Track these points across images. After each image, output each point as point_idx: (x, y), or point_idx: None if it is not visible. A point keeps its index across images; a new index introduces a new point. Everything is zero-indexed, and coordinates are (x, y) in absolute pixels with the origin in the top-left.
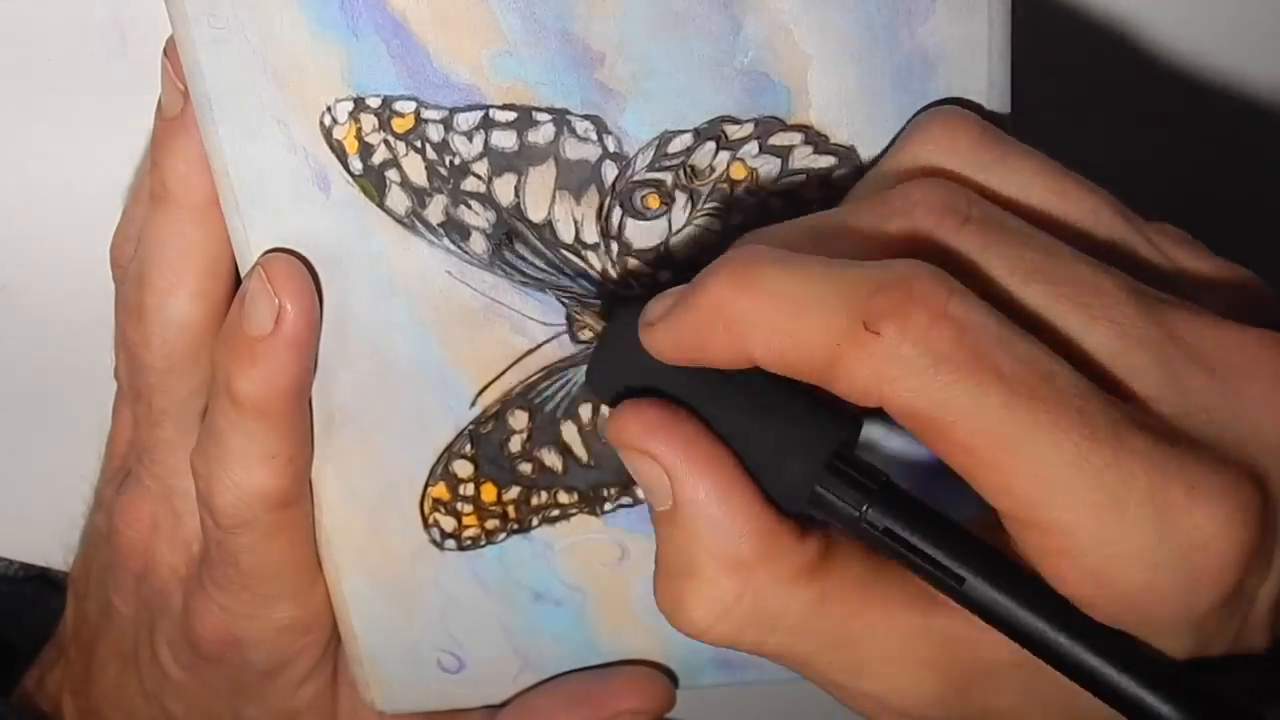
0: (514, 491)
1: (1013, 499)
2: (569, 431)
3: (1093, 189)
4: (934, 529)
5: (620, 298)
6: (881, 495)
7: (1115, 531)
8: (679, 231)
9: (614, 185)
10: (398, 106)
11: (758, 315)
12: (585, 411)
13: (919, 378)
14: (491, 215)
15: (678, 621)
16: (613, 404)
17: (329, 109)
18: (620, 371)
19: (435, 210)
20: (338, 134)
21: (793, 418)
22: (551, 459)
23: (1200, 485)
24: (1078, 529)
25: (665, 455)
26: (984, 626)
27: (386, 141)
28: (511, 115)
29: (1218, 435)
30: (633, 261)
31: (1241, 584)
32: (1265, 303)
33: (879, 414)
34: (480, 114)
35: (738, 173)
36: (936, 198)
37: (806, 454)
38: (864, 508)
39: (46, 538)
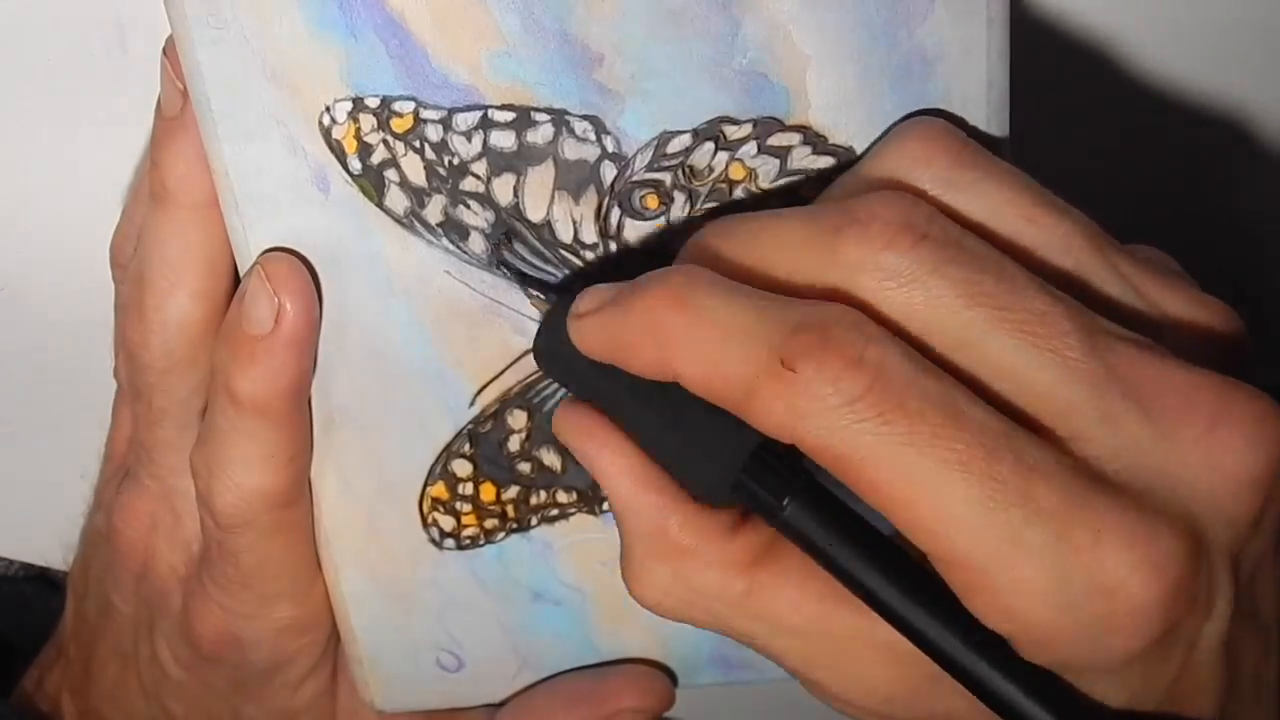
0: (513, 491)
1: (925, 536)
2: None
3: (1067, 215)
4: (851, 533)
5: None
6: (804, 492)
7: (1021, 571)
8: (678, 232)
9: (613, 185)
10: (396, 106)
11: (687, 336)
12: None
13: (829, 417)
14: (490, 215)
15: (634, 594)
16: (554, 378)
17: (328, 109)
18: (561, 350)
19: (434, 210)
20: (336, 134)
21: (719, 413)
22: (550, 458)
23: (1108, 530)
24: (986, 567)
25: (593, 456)
26: None
27: (385, 141)
28: (510, 115)
29: (1148, 480)
30: (631, 262)
31: (1172, 629)
32: (1236, 342)
33: None
34: (479, 114)
35: (736, 173)
36: (896, 211)
37: (734, 444)
38: (785, 501)
39: (46, 537)
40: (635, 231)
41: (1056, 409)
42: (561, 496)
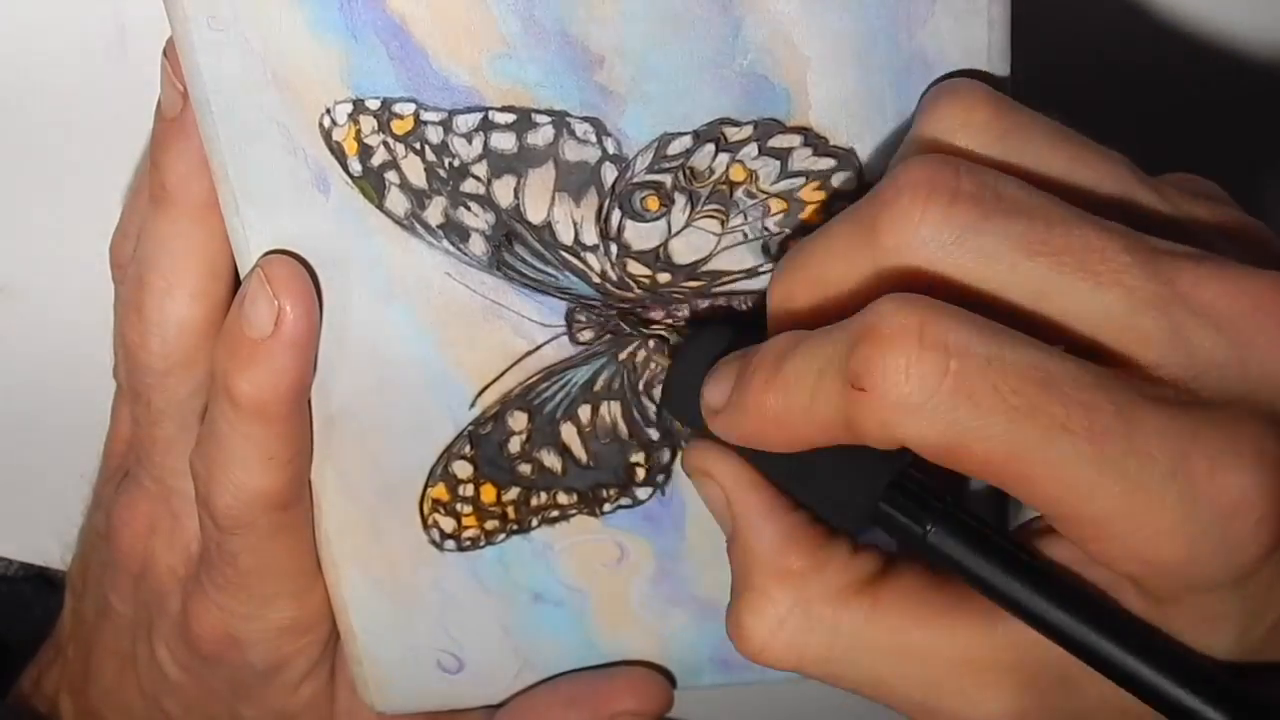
0: (513, 492)
1: (1045, 503)
2: (568, 432)
3: (1109, 153)
4: (994, 552)
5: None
6: (945, 516)
7: (1146, 515)
8: (678, 233)
9: (613, 187)
10: (397, 108)
11: (788, 410)
12: (584, 413)
13: (917, 416)
14: (491, 217)
15: (737, 640)
16: (686, 424)
17: (328, 111)
18: (690, 394)
19: (434, 212)
20: (337, 136)
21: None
22: (551, 460)
23: (1219, 453)
24: (1111, 519)
25: (723, 476)
26: None
27: (386, 143)
28: (511, 117)
29: (1235, 389)
30: (632, 263)
31: None
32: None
33: None
34: (479, 116)
35: (737, 175)
36: (921, 176)
37: (873, 472)
38: (928, 526)
39: (46, 537)
40: (636, 233)
41: (1131, 340)
42: (562, 498)
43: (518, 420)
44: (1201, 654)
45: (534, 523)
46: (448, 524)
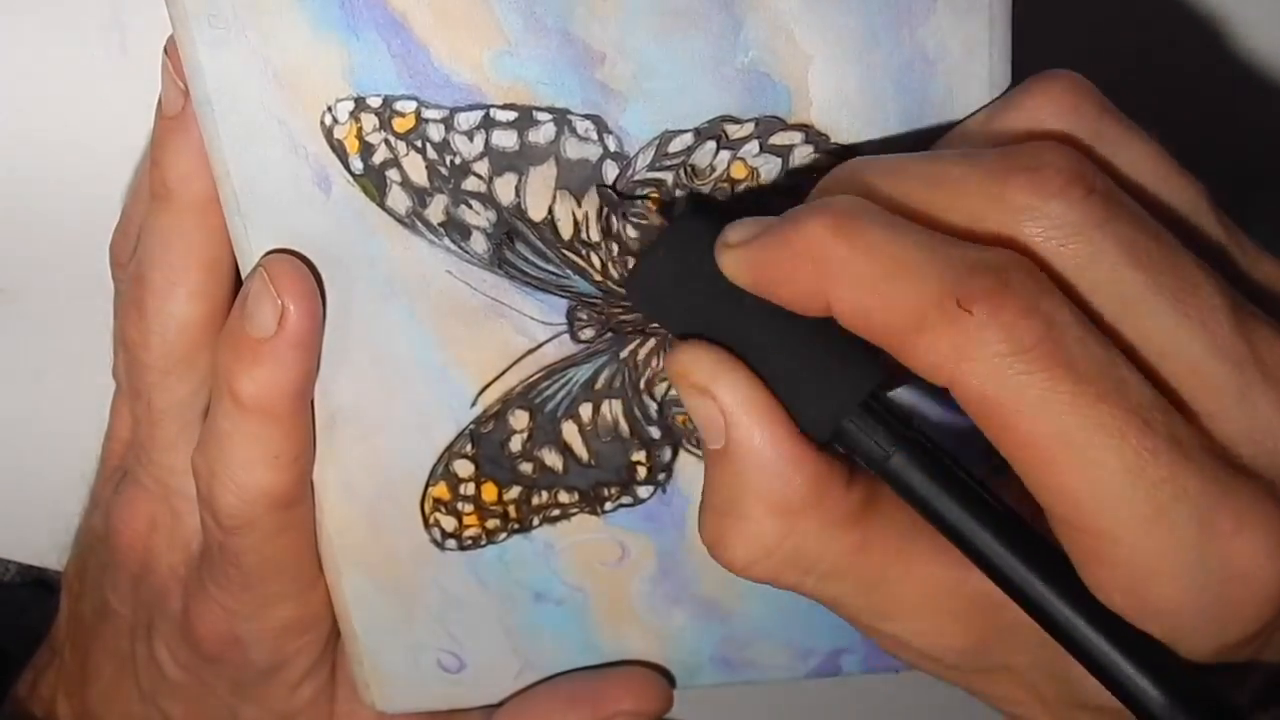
0: (514, 491)
1: (1063, 499)
2: (569, 431)
3: (1194, 181)
4: (952, 487)
5: (676, 209)
6: (907, 445)
7: (1158, 548)
8: None
9: (614, 185)
10: (398, 106)
11: (853, 266)
12: (586, 411)
13: (994, 364)
14: (492, 215)
15: (718, 556)
16: (649, 311)
17: (329, 109)
18: (663, 283)
19: (436, 210)
20: (338, 134)
21: (834, 354)
22: (552, 458)
23: (1248, 516)
24: (1121, 539)
25: (725, 398)
26: None
27: (387, 141)
28: (512, 115)
29: (1275, 468)
30: (633, 261)
31: (1277, 617)
32: None
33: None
34: (481, 114)
35: (738, 172)
36: (1068, 163)
37: (842, 389)
38: (892, 451)
39: (45, 538)
40: (637, 231)
41: (1199, 384)
42: (563, 497)
43: (519, 419)
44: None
45: (535, 521)
46: (449, 523)
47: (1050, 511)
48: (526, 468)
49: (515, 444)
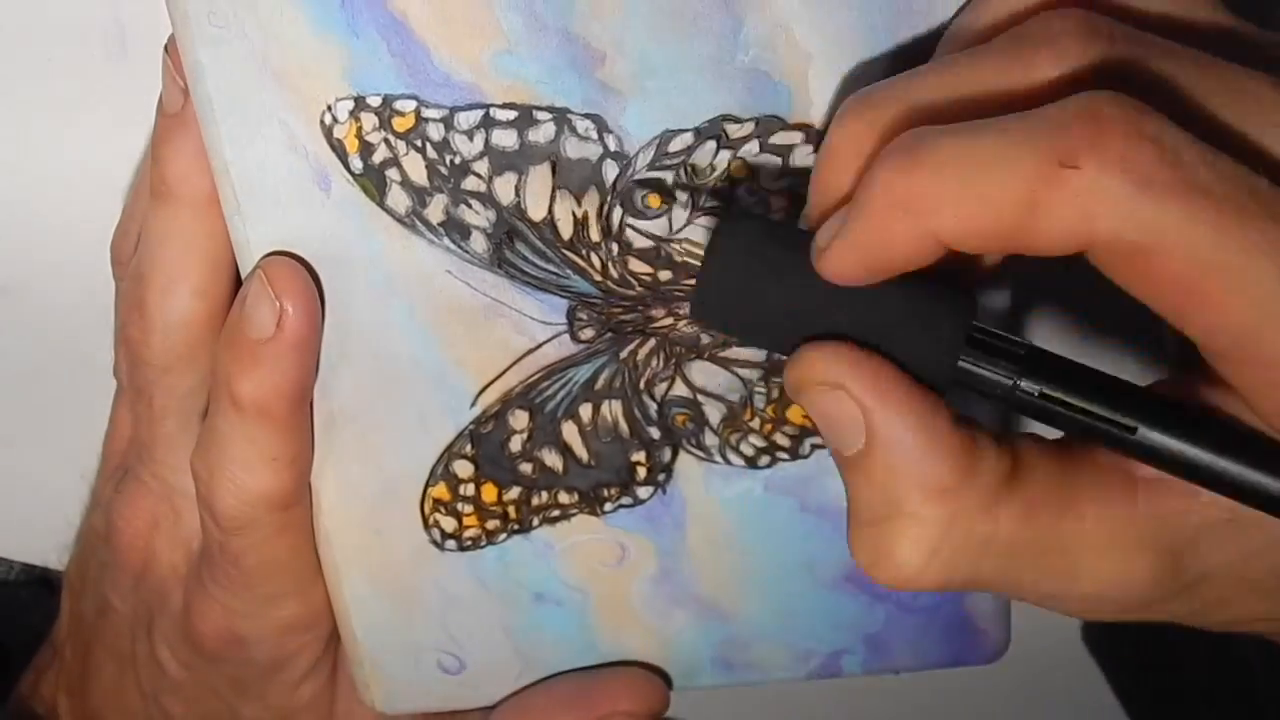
0: (514, 492)
1: (1225, 334)
2: (569, 431)
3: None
4: (1091, 384)
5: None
6: (1030, 360)
7: None
8: (680, 230)
9: (615, 184)
10: (398, 105)
11: (938, 187)
12: (585, 411)
13: (1127, 205)
14: (492, 214)
15: (884, 572)
16: (727, 330)
17: (329, 108)
18: (730, 296)
19: (436, 209)
20: (338, 133)
21: (921, 305)
22: (552, 459)
23: None
24: None
25: (861, 392)
26: (1191, 490)
27: (387, 140)
28: (512, 114)
29: None
30: (633, 261)
31: None
32: None
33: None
34: (481, 113)
35: (738, 172)
36: (1079, 23)
37: (944, 332)
38: (1017, 375)
39: (46, 538)
40: (637, 231)
41: None
42: (563, 497)
43: (519, 419)
44: None
45: (535, 522)
46: (448, 523)
47: (1214, 352)
48: (526, 468)
49: (515, 444)
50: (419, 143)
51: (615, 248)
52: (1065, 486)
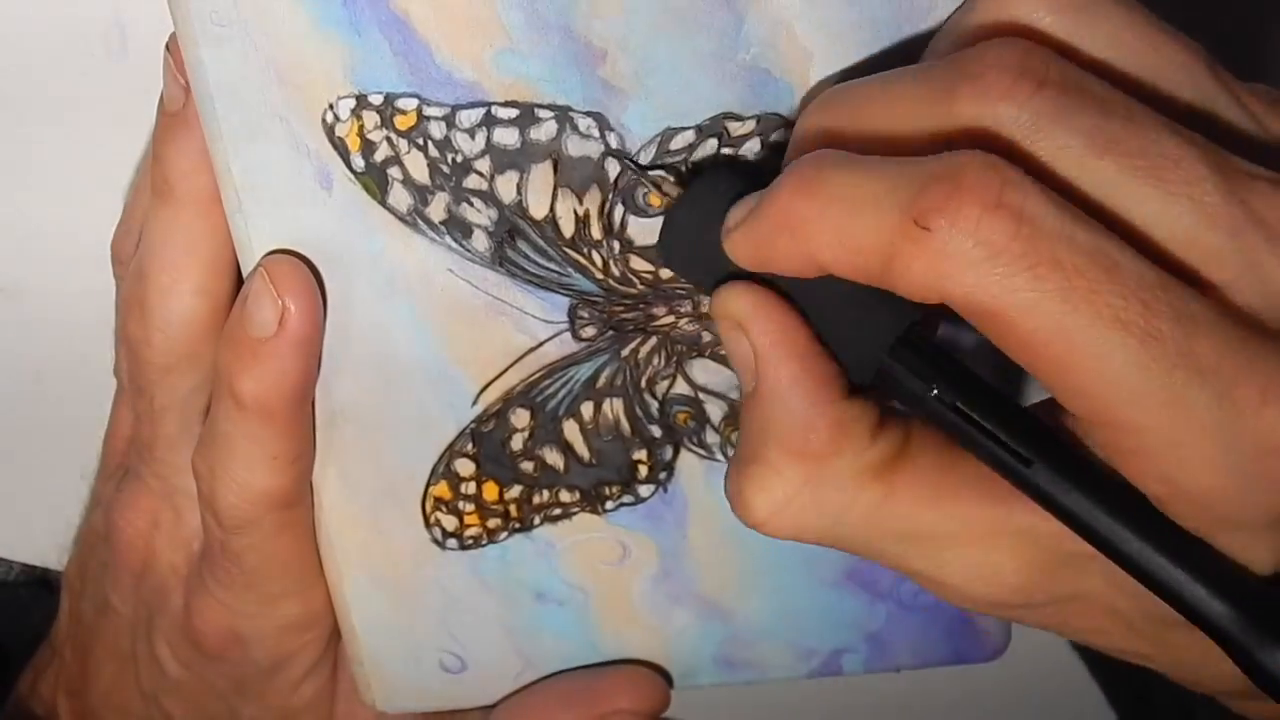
0: (516, 490)
1: (1080, 397)
2: (571, 430)
3: (1187, 43)
4: (1003, 411)
5: (699, 169)
6: (952, 375)
7: (1183, 434)
8: None
9: (616, 182)
10: (400, 104)
11: (820, 219)
12: (587, 409)
13: (974, 271)
14: (493, 213)
15: (739, 511)
16: (681, 272)
17: (331, 106)
18: (690, 241)
19: (437, 208)
20: (340, 131)
21: (866, 299)
22: (553, 457)
23: (1274, 387)
24: (1145, 430)
25: (758, 334)
26: None
27: (389, 139)
28: (514, 112)
29: None
30: (635, 259)
31: None
32: None
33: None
34: (482, 111)
35: None
36: (1011, 58)
37: (878, 330)
38: (933, 385)
39: (46, 538)
40: (639, 228)
41: (1202, 258)
42: (564, 496)
43: (520, 417)
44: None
45: (536, 521)
46: (450, 522)
47: (1074, 412)
48: (528, 466)
49: (516, 443)
50: (421, 141)
51: (617, 246)
52: (946, 478)
